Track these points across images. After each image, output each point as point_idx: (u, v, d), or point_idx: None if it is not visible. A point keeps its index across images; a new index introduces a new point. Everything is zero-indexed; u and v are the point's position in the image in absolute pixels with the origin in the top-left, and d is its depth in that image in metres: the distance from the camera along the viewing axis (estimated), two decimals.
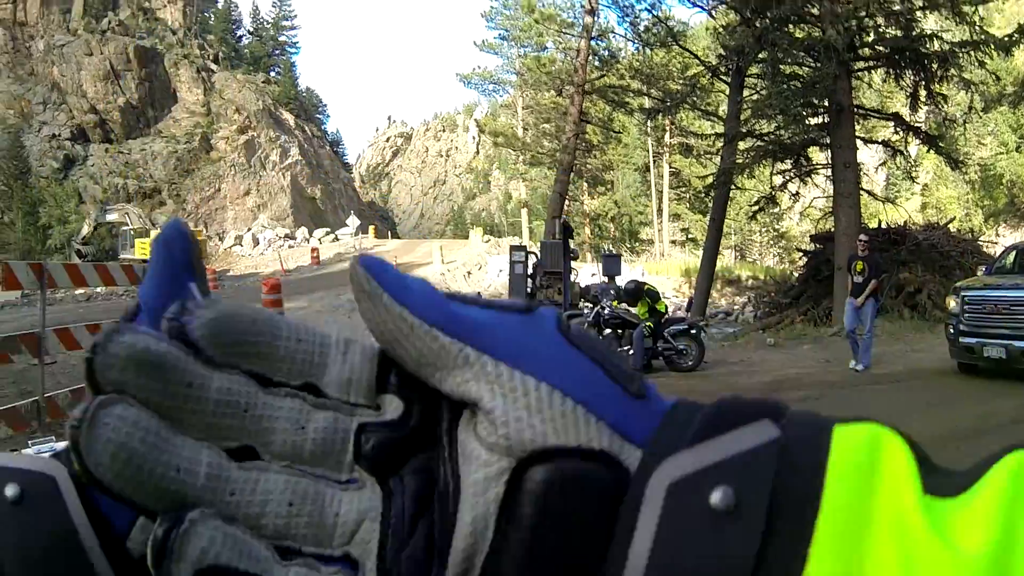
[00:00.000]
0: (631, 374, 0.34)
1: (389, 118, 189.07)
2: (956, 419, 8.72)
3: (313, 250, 43.14)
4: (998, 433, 7.90)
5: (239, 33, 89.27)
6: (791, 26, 20.79)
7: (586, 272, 32.50)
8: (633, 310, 14.14)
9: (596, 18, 30.19)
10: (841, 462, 0.30)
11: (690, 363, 13.53)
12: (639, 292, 13.94)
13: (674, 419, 0.33)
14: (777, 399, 0.35)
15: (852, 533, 0.29)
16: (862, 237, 14.54)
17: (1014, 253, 14.53)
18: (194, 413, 0.33)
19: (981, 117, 27.74)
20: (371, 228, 59.15)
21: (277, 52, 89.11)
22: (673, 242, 62.03)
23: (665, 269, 46.23)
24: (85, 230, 46.49)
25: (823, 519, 0.29)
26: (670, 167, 60.54)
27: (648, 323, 13.52)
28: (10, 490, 0.37)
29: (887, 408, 9.64)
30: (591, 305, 14.76)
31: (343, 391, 0.36)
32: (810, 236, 25.51)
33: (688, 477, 0.30)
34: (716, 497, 0.29)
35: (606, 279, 18.69)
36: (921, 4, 19.47)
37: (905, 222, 24.22)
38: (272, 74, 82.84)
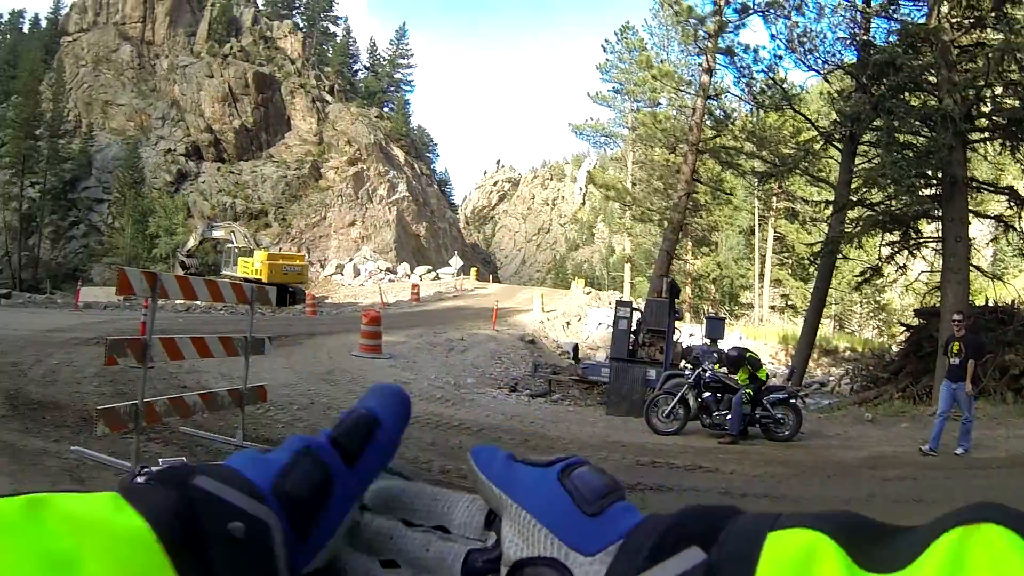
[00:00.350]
0: (592, 500, 0.49)
1: (498, 162, 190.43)
2: None
3: (414, 286, 43.53)
4: None
5: (355, 68, 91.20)
6: (907, 94, 20.59)
7: (687, 332, 32.23)
8: (734, 375, 14.04)
9: (712, 77, 30.15)
10: (770, 569, 0.35)
11: (787, 432, 13.44)
12: (741, 360, 13.84)
13: (629, 544, 0.45)
14: (733, 508, 0.43)
15: None
16: (956, 316, 14.17)
17: None
18: (356, 536, 0.58)
19: None
20: (473, 270, 59.52)
21: (391, 88, 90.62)
22: (772, 307, 61.14)
23: (763, 335, 45.51)
24: (191, 243, 47.77)
25: None
26: (775, 231, 59.90)
27: (748, 390, 13.44)
28: (234, 528, 0.45)
29: (984, 496, 9.31)
30: (691, 367, 14.58)
31: (462, 530, 0.58)
32: (914, 310, 24.88)
33: None
34: None
35: (708, 341, 18.58)
36: None
37: (1013, 300, 23.51)
38: (385, 110, 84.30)
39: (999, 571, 0.30)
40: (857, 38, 22.62)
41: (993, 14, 19.15)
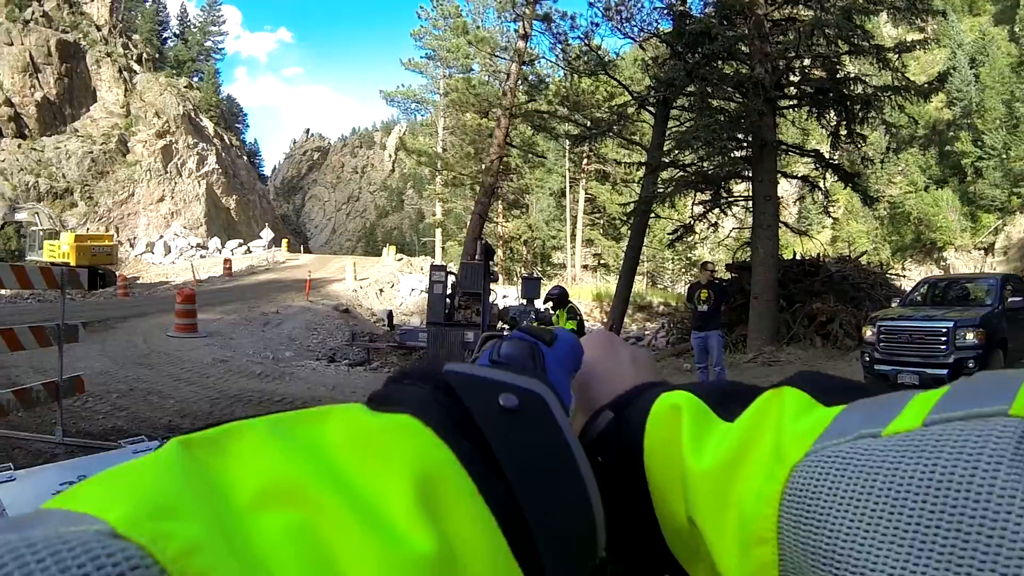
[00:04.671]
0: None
1: (307, 131, 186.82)
2: None
3: (226, 261, 42.51)
4: None
5: (165, 35, 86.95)
6: (721, 62, 21.38)
7: (502, 294, 32.77)
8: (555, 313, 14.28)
9: (528, 43, 30.59)
10: (654, 419, 0.53)
11: None
12: (564, 296, 14.03)
13: (591, 419, 0.60)
14: (653, 384, 0.61)
15: (663, 447, 0.51)
16: (707, 264, 14.84)
17: (927, 286, 15.42)
18: None
19: (892, 158, 28.80)
20: (284, 242, 58.63)
21: (201, 57, 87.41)
22: (585, 267, 62.53)
23: (577, 294, 46.56)
24: None
25: (647, 455, 0.52)
26: (586, 193, 61.20)
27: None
28: (506, 400, 0.46)
29: None
30: (509, 327, 14.73)
31: None
32: (726, 265, 25.98)
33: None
34: (600, 462, 0.54)
35: (524, 301, 18.95)
36: (847, 49, 20.24)
37: (819, 254, 25.05)
38: (195, 80, 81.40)
39: (780, 412, 0.44)
40: (674, 8, 23.16)
41: None
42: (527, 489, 0.42)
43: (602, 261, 62.52)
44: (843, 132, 21.43)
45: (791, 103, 21.79)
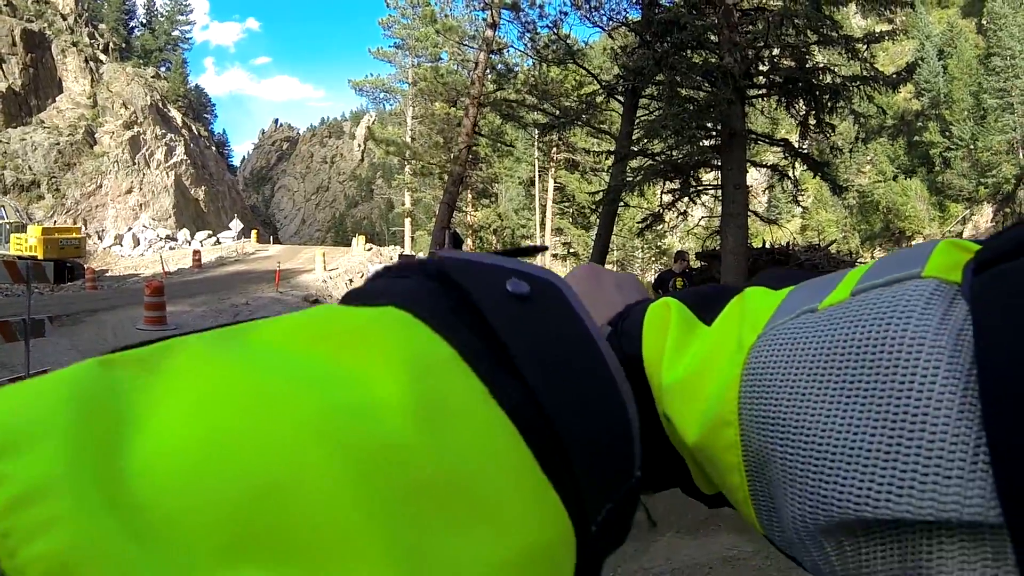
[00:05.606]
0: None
1: (275, 121, 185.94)
2: None
3: (195, 253, 42.04)
4: None
5: (131, 25, 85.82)
6: (690, 51, 21.34)
7: None
8: None
9: (496, 32, 30.47)
10: (649, 319, 0.52)
11: None
12: None
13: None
14: (643, 301, 0.60)
15: (659, 351, 0.50)
16: (683, 253, 14.95)
17: None
18: None
19: (861, 147, 28.91)
20: (253, 232, 58.16)
21: (169, 47, 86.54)
22: (555, 255, 62.51)
23: None
24: None
25: (645, 344, 0.51)
26: (555, 182, 61.17)
27: None
28: (514, 286, 0.38)
29: None
30: None
31: None
32: (696, 253, 26.04)
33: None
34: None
35: None
36: (815, 39, 20.28)
37: (788, 242, 25.13)
38: (163, 69, 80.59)
39: (742, 307, 0.46)
40: None
41: None
42: (551, 388, 0.35)
43: (572, 250, 62.49)
44: (812, 121, 21.43)
45: (760, 92, 21.76)
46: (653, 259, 60.63)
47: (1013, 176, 56.18)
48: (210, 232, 55.96)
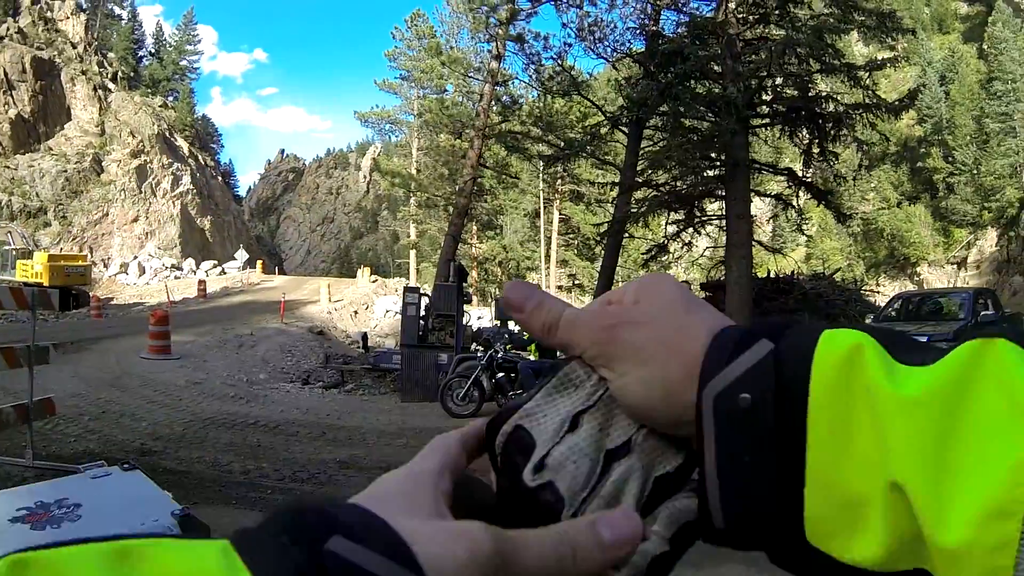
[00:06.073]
0: None
1: (282, 152, 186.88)
2: None
3: (200, 282, 42.25)
4: None
5: (140, 54, 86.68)
6: (693, 81, 21.42)
7: (475, 315, 32.80)
8: (524, 354, 14.38)
9: (501, 64, 30.64)
10: (824, 353, 0.46)
11: None
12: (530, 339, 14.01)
13: (715, 344, 0.50)
14: (794, 319, 0.54)
15: (835, 397, 0.45)
16: (685, 284, 15.10)
17: (900, 302, 15.56)
18: None
19: (864, 175, 28.99)
20: (259, 263, 58.27)
21: (176, 76, 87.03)
22: (560, 287, 62.58)
23: None
24: None
25: (813, 393, 0.46)
26: (560, 213, 61.32)
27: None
28: (743, 402, 0.47)
29: None
30: (483, 349, 14.80)
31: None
32: (700, 284, 26.10)
33: (721, 391, 0.47)
34: (743, 402, 0.47)
35: (499, 323, 18.79)
36: (818, 68, 20.42)
37: (793, 271, 25.16)
38: (170, 99, 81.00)
39: (1002, 367, 0.40)
40: (646, 28, 23.41)
41: (777, 12, 20.51)
42: None
43: (577, 282, 62.63)
44: (815, 150, 21.55)
45: (763, 122, 21.88)
46: None
47: (1017, 200, 56.32)
48: (215, 262, 56.16)
